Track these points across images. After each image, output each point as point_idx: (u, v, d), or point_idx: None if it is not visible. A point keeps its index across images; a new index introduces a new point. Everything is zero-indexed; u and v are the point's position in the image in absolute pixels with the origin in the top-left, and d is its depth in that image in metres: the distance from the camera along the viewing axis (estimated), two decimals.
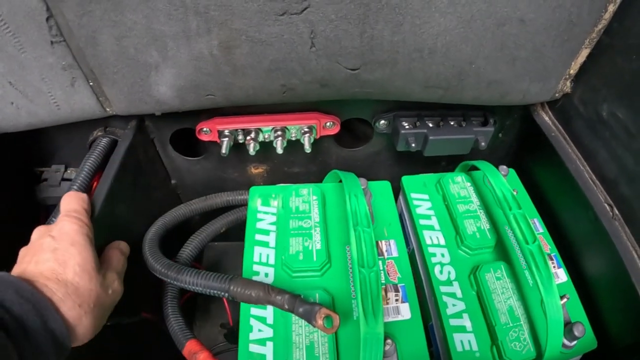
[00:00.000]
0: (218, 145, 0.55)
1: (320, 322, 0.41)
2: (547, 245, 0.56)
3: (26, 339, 0.32)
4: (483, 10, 0.43)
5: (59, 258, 0.38)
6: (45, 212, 0.60)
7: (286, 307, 0.43)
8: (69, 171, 0.60)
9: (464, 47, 0.45)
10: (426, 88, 0.47)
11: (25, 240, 0.45)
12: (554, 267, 0.54)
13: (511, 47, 0.47)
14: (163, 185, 0.62)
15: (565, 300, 0.49)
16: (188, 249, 0.55)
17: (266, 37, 0.41)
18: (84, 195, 0.46)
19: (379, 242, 0.53)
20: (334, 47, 0.42)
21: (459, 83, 0.48)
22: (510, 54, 0.47)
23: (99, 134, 0.56)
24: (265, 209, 0.54)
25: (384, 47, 0.42)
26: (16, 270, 0.38)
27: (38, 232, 0.43)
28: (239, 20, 0.40)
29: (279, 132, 0.54)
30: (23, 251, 0.41)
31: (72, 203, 0.44)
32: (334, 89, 0.46)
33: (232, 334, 0.65)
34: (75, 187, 0.50)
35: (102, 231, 0.46)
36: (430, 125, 0.56)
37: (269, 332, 0.46)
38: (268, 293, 0.44)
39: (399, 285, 0.50)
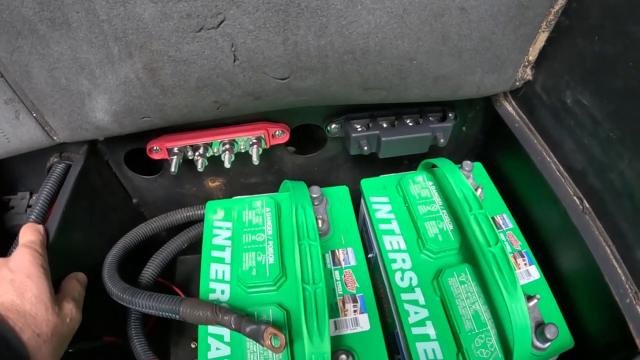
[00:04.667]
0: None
1: (267, 342, 0.41)
2: (518, 241, 0.53)
3: None
4: (416, 3, 0.40)
5: (16, 290, 0.39)
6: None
7: (233, 327, 0.42)
8: (33, 198, 0.61)
9: (401, 44, 0.42)
10: (366, 90, 0.45)
11: None
12: (526, 264, 0.51)
13: (454, 39, 0.44)
14: (124, 205, 0.63)
15: (535, 300, 0.47)
16: (151, 269, 0.55)
17: (187, 56, 0.40)
18: (40, 226, 0.48)
19: (336, 251, 0.51)
20: (258, 58, 0.40)
21: (402, 82, 0.45)
22: (454, 46, 0.44)
23: (55, 160, 0.56)
24: (220, 223, 0.54)
25: (310, 53, 0.40)
26: None
27: None
28: (157, 41, 0.39)
29: (227, 146, 0.53)
30: None
31: (28, 234, 0.46)
32: (269, 100, 0.44)
33: None
34: (32, 216, 0.51)
35: (58, 259, 0.46)
36: (385, 125, 0.54)
37: (226, 350, 0.45)
38: (215, 314, 0.43)
39: (357, 295, 0.48)
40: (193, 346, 0.64)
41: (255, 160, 0.52)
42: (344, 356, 0.43)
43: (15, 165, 0.59)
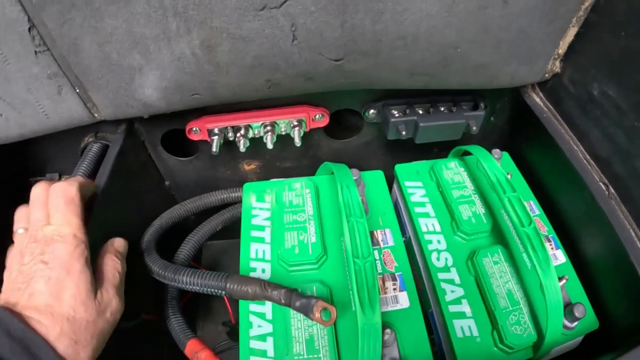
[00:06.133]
0: (209, 144, 0.55)
1: (317, 315, 0.42)
2: (544, 227, 0.55)
3: None
4: None
5: (52, 290, 0.35)
6: None
7: (283, 301, 0.43)
8: (63, 179, 0.60)
9: (448, 32, 0.44)
10: (412, 75, 0.47)
11: None
12: (552, 248, 0.54)
13: (495, 30, 0.46)
14: (157, 187, 0.62)
15: (564, 281, 0.49)
16: (185, 249, 0.55)
17: (247, 34, 0.41)
18: (75, 195, 0.40)
19: (375, 232, 0.53)
20: (316, 39, 0.41)
21: (445, 69, 0.47)
22: (495, 36, 0.47)
23: (90, 140, 0.56)
24: (259, 204, 0.54)
25: (366, 37, 0.42)
26: (5, 297, 0.35)
27: (28, 249, 0.37)
28: (218, 18, 0.40)
29: (269, 127, 0.54)
30: (14, 276, 0.37)
31: (63, 213, 0.38)
32: (319, 82, 0.46)
33: (234, 332, 0.66)
34: None
35: (96, 239, 0.46)
36: (420, 112, 0.56)
37: (268, 328, 0.46)
38: (264, 289, 0.44)
39: (396, 274, 0.50)
40: (220, 330, 0.64)
41: (297, 141, 0.53)
42: (388, 330, 0.44)
43: (45, 146, 0.58)
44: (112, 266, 0.43)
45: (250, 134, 0.55)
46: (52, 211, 0.39)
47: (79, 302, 0.36)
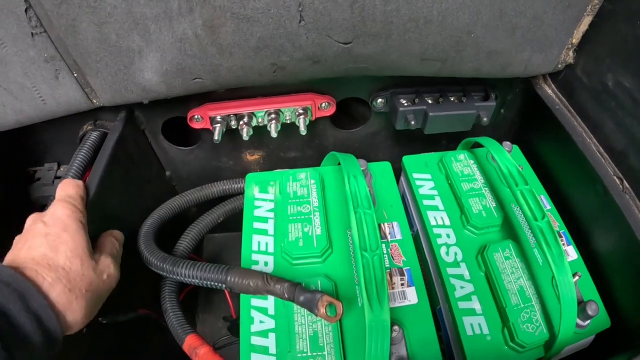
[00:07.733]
0: (211, 134, 0.53)
1: (322, 310, 0.40)
2: (556, 222, 0.54)
3: (8, 324, 0.31)
4: None
5: (50, 243, 0.38)
6: (40, 212, 0.59)
7: (286, 296, 0.41)
8: (62, 169, 0.59)
9: (462, 15, 0.43)
10: (423, 61, 0.45)
11: None
12: (564, 244, 0.52)
13: (511, 15, 0.44)
14: (158, 177, 0.61)
15: (577, 278, 0.47)
16: (185, 242, 0.53)
17: (252, 13, 0.39)
18: (80, 182, 0.46)
19: (382, 225, 0.51)
20: (324, 21, 0.40)
21: (458, 54, 0.45)
22: (509, 22, 0.45)
23: (89, 128, 0.54)
24: (262, 196, 0.52)
25: (376, 18, 0.40)
26: (8, 257, 0.38)
27: (32, 219, 0.41)
28: None
29: (273, 116, 0.52)
30: (17, 238, 0.40)
31: (66, 189, 0.44)
32: (327, 66, 0.44)
33: (235, 327, 0.64)
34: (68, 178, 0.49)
35: (94, 224, 0.44)
36: (430, 101, 0.54)
37: (271, 324, 0.44)
38: (267, 282, 0.42)
39: (404, 269, 0.48)
40: (220, 325, 0.62)
41: (303, 130, 0.51)
42: (396, 327, 0.43)
43: (43, 135, 0.56)
44: (111, 242, 0.45)
45: (254, 123, 0.53)
46: (58, 190, 0.44)
47: (75, 255, 0.38)
